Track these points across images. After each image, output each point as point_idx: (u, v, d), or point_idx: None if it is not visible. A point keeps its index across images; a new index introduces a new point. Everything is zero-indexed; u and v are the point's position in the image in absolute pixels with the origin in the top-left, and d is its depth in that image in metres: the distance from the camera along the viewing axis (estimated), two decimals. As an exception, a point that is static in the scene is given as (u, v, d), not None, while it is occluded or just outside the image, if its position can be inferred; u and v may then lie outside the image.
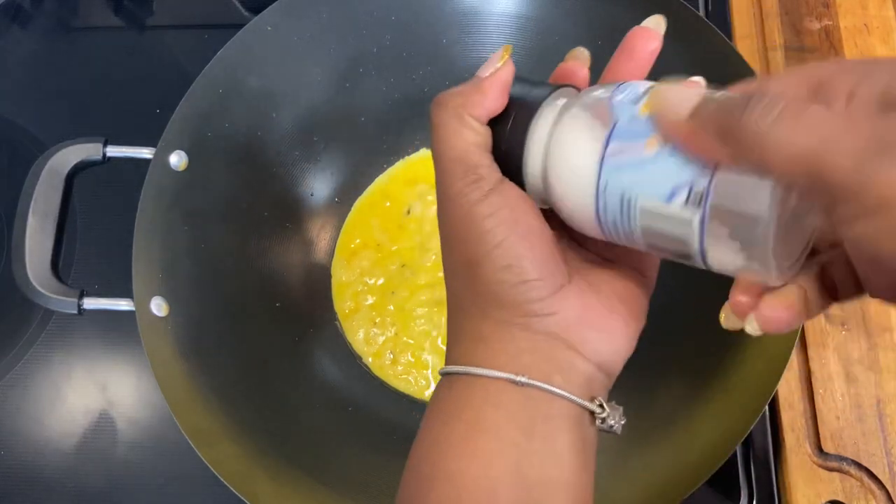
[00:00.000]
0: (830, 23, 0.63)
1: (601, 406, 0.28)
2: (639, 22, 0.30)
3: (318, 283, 0.59)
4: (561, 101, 0.28)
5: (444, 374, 0.29)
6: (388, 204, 0.61)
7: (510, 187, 0.28)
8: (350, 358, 0.58)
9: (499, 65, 0.28)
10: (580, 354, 0.28)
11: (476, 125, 0.28)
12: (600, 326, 0.28)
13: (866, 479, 0.49)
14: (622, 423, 0.29)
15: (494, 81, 0.28)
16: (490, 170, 0.28)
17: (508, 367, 0.27)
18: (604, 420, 0.28)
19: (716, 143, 0.23)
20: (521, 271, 0.27)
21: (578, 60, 0.31)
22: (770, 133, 0.21)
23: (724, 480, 0.50)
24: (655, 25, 0.30)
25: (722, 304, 0.28)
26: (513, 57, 0.29)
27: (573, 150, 0.26)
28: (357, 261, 0.60)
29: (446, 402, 0.29)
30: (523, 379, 0.27)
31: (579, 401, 0.27)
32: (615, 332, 0.29)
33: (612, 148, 0.25)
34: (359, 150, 0.62)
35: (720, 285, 0.28)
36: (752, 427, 0.43)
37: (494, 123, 0.28)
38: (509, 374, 0.27)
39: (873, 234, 0.20)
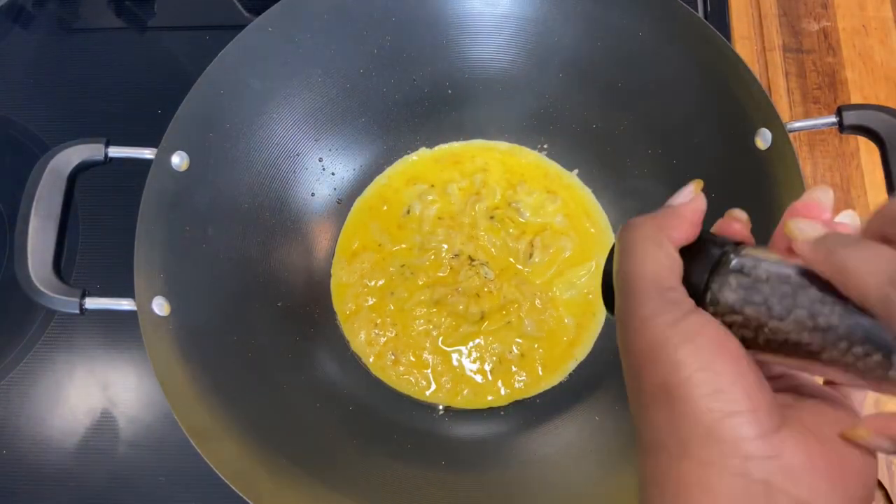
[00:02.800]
0: (829, 24, 0.63)
1: None
2: (639, 24, 0.29)
3: (319, 283, 0.60)
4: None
5: None
6: (386, 206, 0.62)
7: (708, 316, 0.25)
8: (350, 358, 0.58)
9: (693, 195, 0.27)
10: None
11: (671, 250, 0.26)
12: (835, 476, 0.23)
13: (864, 478, 0.50)
14: None
15: (693, 209, 0.27)
16: (685, 294, 0.26)
17: None
18: None
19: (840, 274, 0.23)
20: (733, 399, 0.23)
21: (741, 223, 0.29)
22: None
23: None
24: (850, 220, 0.27)
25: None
26: (699, 185, 0.28)
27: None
28: (357, 262, 0.60)
29: None
30: None
31: None
32: (850, 482, 0.24)
33: None
34: (359, 150, 0.62)
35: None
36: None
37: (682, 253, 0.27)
38: None
39: None
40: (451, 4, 0.60)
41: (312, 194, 0.61)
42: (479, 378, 0.56)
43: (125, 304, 0.49)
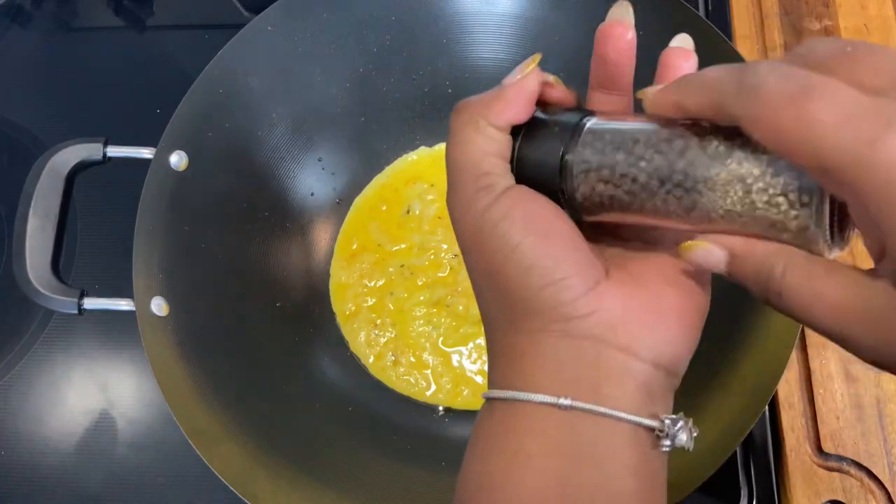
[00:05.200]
0: (830, 23, 0.63)
1: (662, 421, 0.25)
2: (639, 23, 0.29)
3: (319, 283, 0.60)
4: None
5: (487, 399, 0.27)
6: (386, 205, 0.62)
7: (523, 190, 0.26)
8: (350, 358, 0.58)
9: (527, 72, 0.27)
10: (632, 354, 0.25)
11: (493, 132, 0.27)
12: (650, 319, 0.25)
13: (866, 479, 0.49)
14: (693, 436, 0.25)
15: (518, 89, 0.27)
16: (501, 177, 0.26)
17: (550, 386, 0.25)
18: (667, 435, 0.24)
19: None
20: (545, 271, 0.25)
21: (551, 84, 0.29)
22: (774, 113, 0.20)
23: (724, 480, 0.50)
24: (684, 43, 0.28)
25: (724, 305, 0.28)
26: (535, 60, 0.28)
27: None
28: (356, 263, 0.60)
29: (487, 431, 0.26)
30: (566, 401, 0.24)
31: (633, 418, 0.24)
32: (669, 322, 0.25)
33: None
34: (359, 149, 0.62)
35: (721, 288, 0.28)
36: (752, 427, 0.43)
37: (520, 133, 0.27)
38: (551, 396, 0.24)
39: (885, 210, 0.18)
40: (451, 3, 0.60)
41: (312, 194, 0.60)
42: (479, 379, 0.56)
43: (124, 305, 0.49)
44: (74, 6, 0.74)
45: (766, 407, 0.46)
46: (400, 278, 0.59)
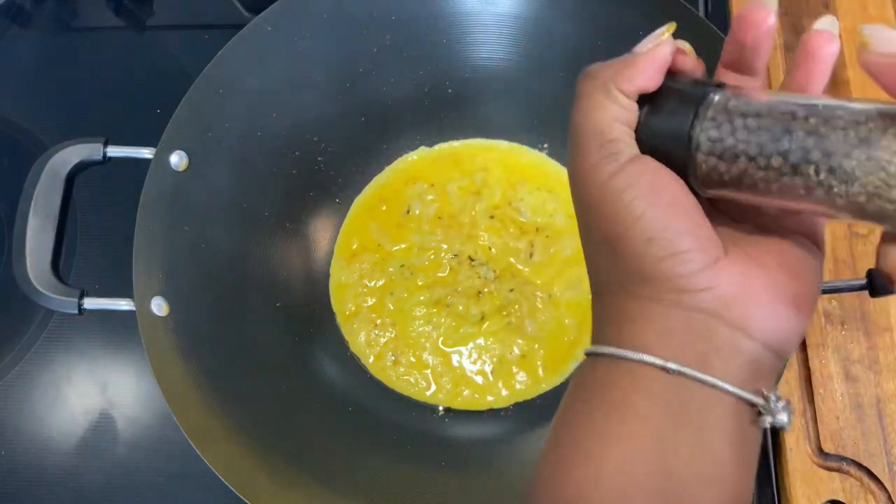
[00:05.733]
0: (830, 23, 0.63)
1: (765, 398, 0.25)
2: (639, 23, 0.30)
3: (319, 283, 0.60)
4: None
5: (589, 355, 0.27)
6: (386, 205, 0.62)
7: (649, 160, 0.26)
8: (350, 358, 0.58)
9: (661, 40, 0.27)
10: (744, 332, 0.25)
11: (623, 99, 0.26)
12: (766, 300, 0.25)
13: (866, 479, 0.49)
14: (790, 416, 0.25)
15: (651, 57, 0.27)
16: (628, 145, 0.26)
17: (659, 350, 0.25)
18: (769, 413, 0.25)
19: None
20: (667, 243, 0.25)
21: (684, 52, 0.28)
22: None
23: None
24: (831, 26, 0.27)
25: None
26: (669, 28, 0.27)
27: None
28: (356, 263, 0.60)
29: (590, 381, 0.26)
30: (674, 366, 0.24)
31: (738, 391, 0.24)
32: (784, 305, 0.25)
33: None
34: (359, 149, 0.62)
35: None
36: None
37: (647, 102, 0.27)
38: (659, 358, 0.25)
39: None
40: (451, 3, 0.60)
41: (311, 194, 0.60)
42: (479, 379, 0.56)
43: (124, 304, 0.49)
44: (74, 6, 0.74)
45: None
46: (400, 278, 0.59)
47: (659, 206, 0.25)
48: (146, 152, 0.51)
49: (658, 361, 0.25)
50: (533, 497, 0.27)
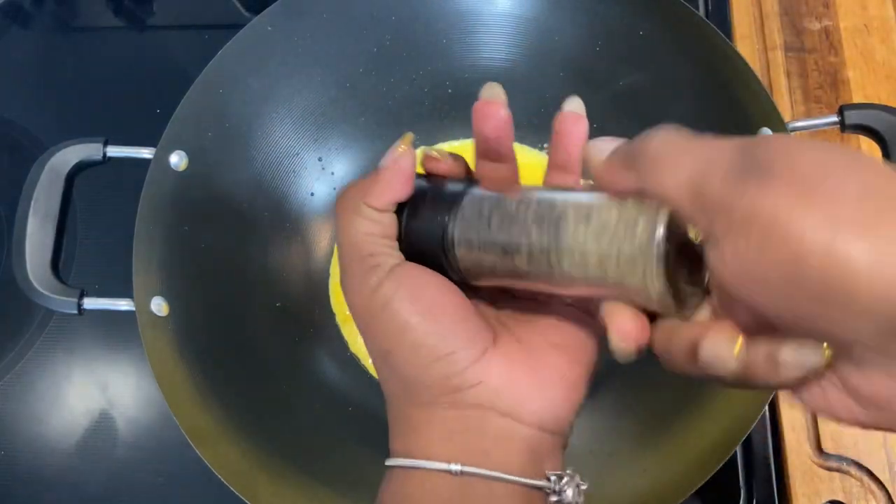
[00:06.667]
0: (830, 23, 0.63)
1: (549, 479, 0.26)
2: (639, 23, 0.30)
3: (319, 283, 0.59)
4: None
5: (387, 467, 0.28)
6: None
7: (410, 267, 0.27)
8: (350, 359, 0.58)
9: (399, 153, 0.28)
10: (517, 420, 0.26)
11: (373, 214, 0.28)
12: (532, 384, 0.26)
13: (866, 479, 0.49)
14: (581, 491, 0.26)
15: (392, 172, 0.28)
16: (387, 256, 0.27)
17: (442, 454, 0.26)
18: (557, 492, 0.26)
19: (623, 175, 0.23)
20: (432, 348, 0.26)
21: (436, 158, 0.30)
22: (659, 159, 0.22)
23: (724, 480, 0.50)
24: (577, 108, 0.29)
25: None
26: (406, 140, 0.29)
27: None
28: (357, 261, 0.60)
29: (390, 493, 0.28)
30: (455, 467, 0.25)
31: (519, 479, 0.25)
32: (551, 385, 0.27)
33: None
34: (359, 149, 0.62)
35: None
36: (752, 427, 0.43)
37: (406, 209, 0.29)
38: (442, 462, 0.26)
39: (740, 252, 0.19)
40: (451, 3, 0.60)
41: (312, 194, 0.60)
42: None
43: (124, 305, 0.49)
44: (74, 6, 0.74)
45: (766, 407, 0.46)
46: (400, 278, 0.59)
47: (421, 311, 0.26)
48: (146, 152, 0.51)
49: (441, 466, 0.25)
50: None
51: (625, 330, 0.24)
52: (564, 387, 0.27)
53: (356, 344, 0.58)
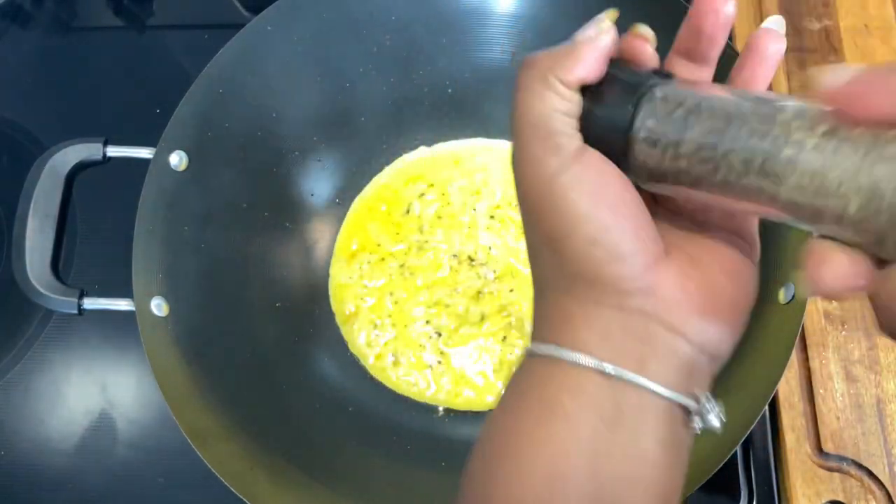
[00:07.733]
0: (830, 23, 0.63)
1: (698, 401, 0.25)
2: (639, 23, 0.29)
3: (319, 283, 0.59)
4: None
5: (528, 355, 0.27)
6: (386, 206, 0.62)
7: (594, 155, 0.25)
8: (350, 359, 0.58)
9: (602, 28, 0.26)
10: (682, 336, 0.25)
11: (564, 90, 0.25)
12: (704, 304, 0.25)
13: (866, 479, 0.49)
14: (722, 420, 0.26)
15: (591, 47, 0.26)
16: (571, 137, 0.25)
17: (597, 351, 0.25)
18: (701, 416, 0.25)
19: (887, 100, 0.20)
20: (611, 246, 0.24)
21: (645, 40, 0.28)
22: None
23: (724, 480, 0.51)
24: (777, 25, 0.27)
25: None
26: (611, 16, 0.27)
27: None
28: (356, 263, 0.60)
29: (526, 380, 0.26)
30: (611, 369, 0.24)
31: (673, 395, 0.25)
32: (721, 310, 0.25)
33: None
34: (359, 149, 0.62)
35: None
36: (752, 427, 0.43)
37: (591, 91, 0.26)
38: (597, 360, 0.24)
39: None
40: (450, 3, 0.60)
41: (311, 194, 0.60)
42: (479, 380, 0.56)
43: (123, 305, 0.49)
44: (74, 6, 0.74)
45: (766, 407, 0.46)
46: (400, 278, 0.59)
47: (603, 206, 0.25)
48: (146, 152, 0.51)
49: (594, 363, 0.25)
50: (462, 493, 0.27)
51: (837, 274, 0.22)
52: (733, 314, 0.26)
53: (356, 344, 0.58)
